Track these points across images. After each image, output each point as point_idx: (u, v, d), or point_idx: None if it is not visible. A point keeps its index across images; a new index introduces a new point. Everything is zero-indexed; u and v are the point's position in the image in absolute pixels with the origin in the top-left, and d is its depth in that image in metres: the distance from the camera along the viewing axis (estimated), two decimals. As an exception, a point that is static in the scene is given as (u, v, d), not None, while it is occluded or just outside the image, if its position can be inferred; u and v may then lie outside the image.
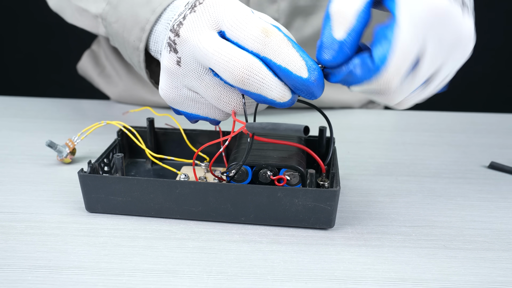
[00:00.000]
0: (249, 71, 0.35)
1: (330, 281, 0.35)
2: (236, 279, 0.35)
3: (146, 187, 0.41)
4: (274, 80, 0.36)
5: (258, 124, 0.37)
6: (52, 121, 0.65)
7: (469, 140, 0.62)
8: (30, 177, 0.49)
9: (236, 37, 0.36)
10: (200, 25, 0.37)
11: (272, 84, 0.36)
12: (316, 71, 0.35)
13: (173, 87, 0.40)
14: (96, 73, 0.78)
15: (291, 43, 0.35)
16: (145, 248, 0.38)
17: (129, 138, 0.50)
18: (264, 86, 0.36)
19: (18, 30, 1.40)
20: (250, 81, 0.36)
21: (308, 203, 0.39)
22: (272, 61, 0.35)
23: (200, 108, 0.41)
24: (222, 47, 0.36)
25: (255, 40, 0.35)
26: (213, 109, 0.40)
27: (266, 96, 0.36)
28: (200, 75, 0.38)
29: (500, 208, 0.46)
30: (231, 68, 0.35)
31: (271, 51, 0.35)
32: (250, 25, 0.35)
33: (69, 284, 0.34)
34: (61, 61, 1.28)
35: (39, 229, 0.40)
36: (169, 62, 0.39)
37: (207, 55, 0.36)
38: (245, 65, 0.35)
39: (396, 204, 0.46)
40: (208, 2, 0.37)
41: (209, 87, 0.38)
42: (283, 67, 0.35)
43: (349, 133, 0.63)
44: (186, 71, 0.39)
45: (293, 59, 0.35)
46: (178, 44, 0.38)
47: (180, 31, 0.38)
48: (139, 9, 0.47)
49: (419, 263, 0.37)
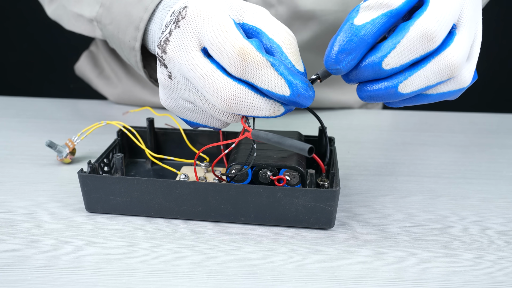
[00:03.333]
0: (236, 99, 0.36)
1: (330, 281, 0.35)
2: (236, 279, 0.35)
3: (146, 187, 0.41)
4: (262, 101, 0.37)
5: (264, 133, 0.37)
6: (52, 121, 0.65)
7: (469, 140, 0.62)
8: (30, 177, 0.49)
9: (216, 57, 0.36)
10: (185, 43, 0.38)
11: (262, 105, 0.37)
12: (299, 84, 0.36)
13: (170, 98, 0.41)
14: (94, 75, 0.77)
15: (269, 62, 0.36)
16: (145, 248, 0.38)
17: (129, 138, 0.50)
18: (253, 108, 0.37)
19: (16, 31, 1.40)
20: (239, 108, 0.37)
21: (308, 203, 0.39)
22: (254, 83, 0.36)
23: (198, 118, 0.41)
24: (208, 73, 0.36)
25: (233, 64, 0.36)
26: (210, 118, 0.41)
27: (258, 115, 0.37)
28: (191, 89, 0.39)
29: (500, 208, 0.46)
30: (219, 97, 0.36)
31: (251, 75, 0.36)
32: (227, 45, 0.36)
33: (69, 284, 0.34)
34: (60, 62, 1.28)
35: (39, 229, 0.40)
36: (162, 76, 0.40)
37: (195, 79, 0.37)
38: (232, 94, 0.36)
39: (396, 204, 0.46)
40: (190, 16, 0.38)
41: (201, 99, 0.39)
42: (265, 89, 0.36)
43: (349, 133, 0.63)
44: (178, 84, 0.39)
45: (272, 80, 0.36)
46: (166, 60, 0.39)
47: (167, 49, 0.38)
48: (132, 9, 0.47)
49: (419, 263, 0.37)
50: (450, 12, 0.34)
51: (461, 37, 0.35)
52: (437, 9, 0.33)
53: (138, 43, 0.47)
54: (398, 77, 0.35)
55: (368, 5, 0.34)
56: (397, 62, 0.34)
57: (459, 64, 0.34)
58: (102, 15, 0.52)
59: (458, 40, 0.35)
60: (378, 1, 0.34)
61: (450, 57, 0.34)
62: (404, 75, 0.35)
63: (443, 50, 0.34)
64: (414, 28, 0.33)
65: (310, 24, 0.65)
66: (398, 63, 0.34)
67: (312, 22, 0.65)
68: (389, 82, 0.35)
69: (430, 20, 0.33)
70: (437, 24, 0.33)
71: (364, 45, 0.34)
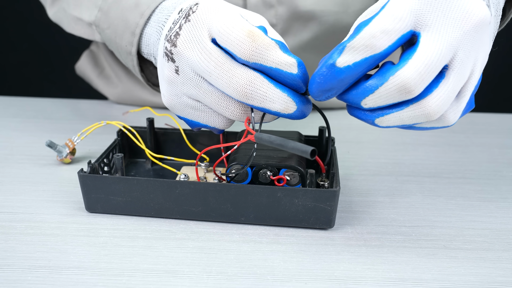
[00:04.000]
0: (252, 86, 0.36)
1: (330, 281, 0.35)
2: (236, 279, 0.35)
3: (146, 187, 0.41)
4: (276, 92, 0.37)
5: (267, 136, 0.37)
6: (52, 121, 0.65)
7: (469, 140, 0.62)
8: (30, 177, 0.49)
9: (225, 43, 0.36)
10: (197, 35, 0.38)
11: (274, 97, 0.37)
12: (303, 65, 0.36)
13: (173, 94, 0.41)
14: (95, 74, 0.77)
15: (277, 44, 0.36)
16: (145, 248, 0.38)
17: (129, 138, 0.50)
18: (266, 99, 0.37)
19: (16, 31, 1.40)
20: (253, 95, 0.37)
21: (308, 203, 0.39)
22: (263, 65, 0.36)
23: (200, 116, 0.41)
24: (224, 61, 0.37)
25: (243, 47, 0.36)
26: (213, 116, 0.40)
27: (270, 109, 0.37)
28: (198, 83, 0.39)
29: (500, 208, 0.46)
30: (234, 85, 0.36)
31: (261, 56, 0.36)
32: (236, 29, 0.36)
33: (69, 284, 0.34)
34: (61, 62, 1.28)
35: (39, 229, 0.40)
36: (168, 70, 0.40)
37: (208, 71, 0.37)
38: (248, 80, 0.36)
39: (396, 204, 0.46)
40: (201, 10, 0.38)
41: (207, 93, 0.39)
42: (274, 68, 0.36)
43: (349, 133, 0.63)
44: (185, 79, 0.39)
45: (282, 59, 0.36)
46: (175, 54, 0.39)
47: (178, 42, 0.38)
48: (129, 14, 0.48)
49: (419, 263, 0.37)
50: (439, 58, 0.32)
51: (448, 82, 0.33)
52: (424, 58, 0.32)
53: (134, 48, 0.48)
54: (376, 113, 0.35)
55: (353, 45, 0.33)
56: (374, 104, 0.34)
57: (436, 112, 0.33)
58: (101, 20, 0.52)
59: (443, 87, 0.33)
60: (363, 42, 0.32)
61: (428, 106, 0.33)
62: (381, 113, 0.35)
63: (422, 99, 0.33)
64: (394, 79, 0.32)
65: (310, 25, 0.65)
66: (375, 105, 0.34)
67: (312, 22, 0.65)
68: (367, 115, 0.36)
69: (410, 73, 0.32)
70: (418, 78, 0.32)
71: (343, 85, 0.34)
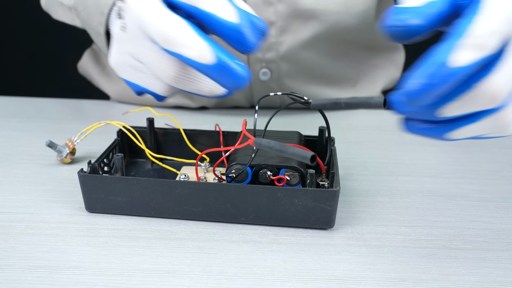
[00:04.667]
0: (173, 30, 0.34)
1: (330, 281, 0.35)
2: (236, 279, 0.35)
3: (146, 187, 0.41)
4: (194, 37, 0.34)
5: (266, 142, 0.37)
6: (52, 121, 0.65)
7: (469, 140, 0.62)
8: (30, 177, 0.49)
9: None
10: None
11: (190, 42, 0.34)
12: (249, 18, 0.34)
13: (118, 53, 0.40)
14: (96, 72, 0.78)
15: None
16: (145, 248, 0.38)
17: (129, 138, 0.50)
18: (183, 44, 0.34)
19: (17, 30, 1.40)
20: (172, 41, 0.34)
21: (308, 203, 0.39)
22: (199, 8, 0.34)
23: (142, 79, 0.40)
24: (162, 12, 0.35)
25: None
26: (152, 79, 0.39)
27: (185, 56, 0.34)
28: (140, 40, 0.38)
29: (500, 208, 0.46)
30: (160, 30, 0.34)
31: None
32: None
33: (69, 284, 0.34)
34: (61, 61, 1.28)
35: (39, 229, 0.40)
36: (116, 28, 0.40)
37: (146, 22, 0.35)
38: (171, 25, 0.34)
39: (396, 204, 0.46)
40: None
41: (147, 52, 0.37)
42: (209, 13, 0.34)
43: (349, 133, 0.63)
44: (129, 36, 0.38)
45: (221, 4, 0.34)
46: (124, 10, 0.38)
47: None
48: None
49: (419, 263, 0.37)
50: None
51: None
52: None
53: (103, 28, 0.48)
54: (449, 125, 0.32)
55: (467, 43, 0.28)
56: (452, 113, 0.31)
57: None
58: (77, 3, 0.55)
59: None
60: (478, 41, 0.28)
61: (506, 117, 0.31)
62: (455, 124, 0.32)
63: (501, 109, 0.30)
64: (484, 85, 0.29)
65: (310, 23, 0.65)
66: (453, 114, 0.31)
67: (312, 21, 0.65)
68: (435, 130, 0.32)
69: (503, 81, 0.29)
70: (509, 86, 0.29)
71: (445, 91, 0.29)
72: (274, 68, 0.67)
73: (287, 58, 0.67)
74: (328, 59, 0.70)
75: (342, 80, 0.73)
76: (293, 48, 0.66)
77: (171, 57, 0.36)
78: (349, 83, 0.74)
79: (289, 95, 0.43)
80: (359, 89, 0.75)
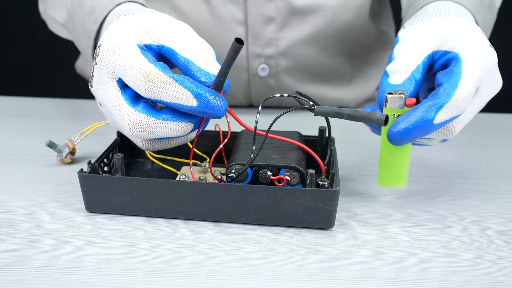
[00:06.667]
0: (139, 127, 0.38)
1: (330, 281, 0.35)
2: (236, 279, 0.35)
3: (146, 187, 0.41)
4: (166, 125, 0.38)
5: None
6: (52, 121, 0.65)
7: (469, 140, 0.62)
8: (30, 177, 0.49)
9: (129, 84, 0.39)
10: (102, 77, 0.40)
11: (166, 128, 0.39)
12: (206, 94, 0.37)
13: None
14: None
15: (172, 79, 0.37)
16: (145, 248, 0.38)
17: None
18: (159, 131, 0.39)
19: (15, 30, 1.40)
20: (145, 133, 0.39)
21: (308, 203, 0.39)
22: (162, 101, 0.38)
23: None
24: (117, 104, 0.39)
25: (141, 87, 0.38)
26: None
27: (168, 136, 0.39)
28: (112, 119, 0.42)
29: (500, 208, 0.46)
30: (126, 125, 0.39)
31: (158, 94, 0.38)
32: (134, 72, 0.38)
33: (69, 284, 0.34)
34: (60, 61, 1.28)
35: (39, 229, 0.40)
36: (98, 103, 0.43)
37: (109, 108, 0.40)
38: (134, 123, 0.38)
39: (396, 204, 0.46)
40: (102, 53, 0.40)
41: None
42: (173, 103, 0.38)
43: (349, 133, 0.63)
44: (105, 113, 0.43)
45: (178, 94, 0.37)
46: (93, 92, 0.42)
47: (93, 83, 0.42)
48: (86, 19, 0.51)
49: (419, 263, 0.37)
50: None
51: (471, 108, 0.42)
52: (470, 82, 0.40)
53: (90, 51, 0.52)
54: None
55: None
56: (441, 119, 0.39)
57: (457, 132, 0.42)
58: (67, 21, 0.56)
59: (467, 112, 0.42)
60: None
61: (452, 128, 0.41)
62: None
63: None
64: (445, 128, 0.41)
65: (308, 19, 0.65)
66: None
67: (310, 17, 0.65)
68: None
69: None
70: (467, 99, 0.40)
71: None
72: (273, 64, 0.67)
73: (286, 54, 0.67)
74: (325, 56, 0.70)
75: (337, 77, 0.73)
76: (292, 44, 0.66)
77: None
78: (345, 81, 0.74)
79: (295, 97, 0.43)
80: (354, 86, 0.75)
